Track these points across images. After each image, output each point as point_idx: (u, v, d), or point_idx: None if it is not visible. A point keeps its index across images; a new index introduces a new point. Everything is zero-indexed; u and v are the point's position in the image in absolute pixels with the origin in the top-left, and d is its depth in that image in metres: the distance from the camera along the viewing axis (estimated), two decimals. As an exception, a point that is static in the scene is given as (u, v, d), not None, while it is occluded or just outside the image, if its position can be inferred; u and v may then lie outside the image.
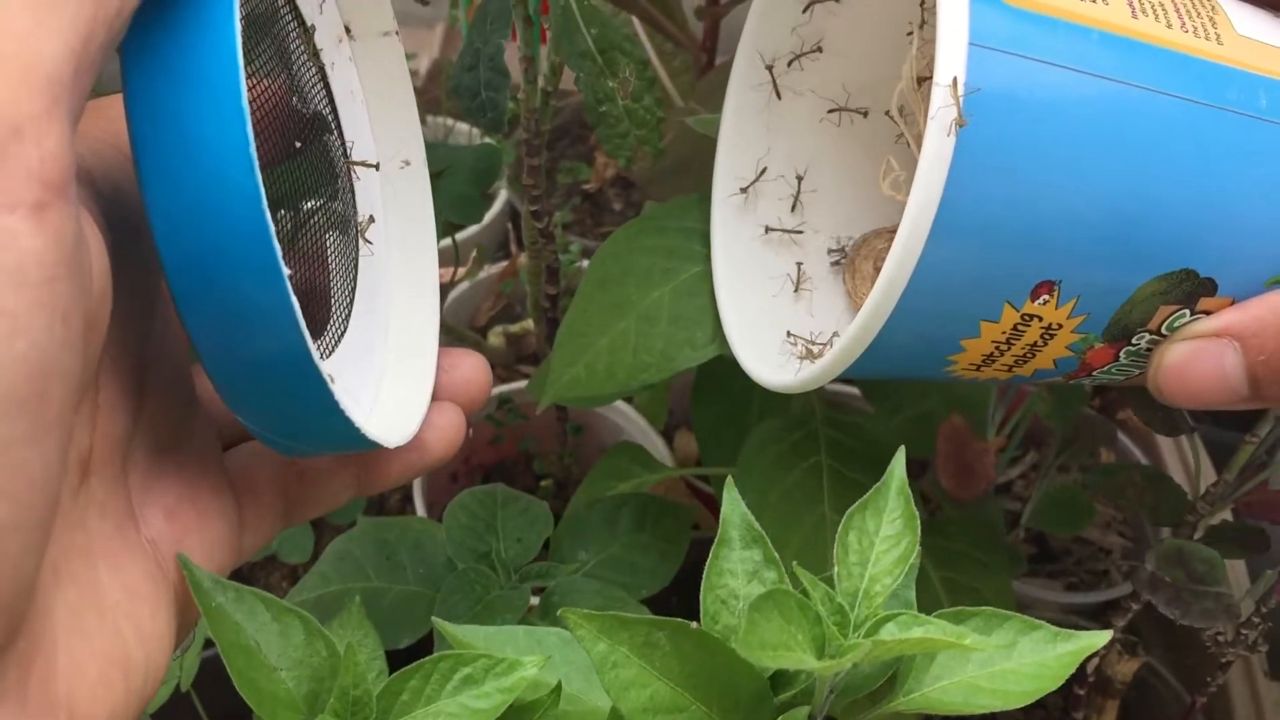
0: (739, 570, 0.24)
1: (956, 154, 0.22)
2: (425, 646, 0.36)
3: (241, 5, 0.20)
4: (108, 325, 0.20)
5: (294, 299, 0.20)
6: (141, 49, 0.19)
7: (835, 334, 0.33)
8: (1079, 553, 0.58)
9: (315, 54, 0.27)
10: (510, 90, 0.39)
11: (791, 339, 0.32)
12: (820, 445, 0.36)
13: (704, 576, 0.24)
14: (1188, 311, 0.26)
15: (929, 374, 0.28)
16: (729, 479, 0.25)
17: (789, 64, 0.33)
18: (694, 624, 0.23)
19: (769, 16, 0.33)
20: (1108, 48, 0.24)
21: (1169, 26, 0.25)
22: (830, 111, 0.34)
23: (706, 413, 0.42)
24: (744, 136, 0.34)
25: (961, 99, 0.22)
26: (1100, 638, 0.25)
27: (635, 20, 0.53)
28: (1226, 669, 0.40)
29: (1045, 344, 0.26)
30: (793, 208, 0.34)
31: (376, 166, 0.29)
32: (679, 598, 0.54)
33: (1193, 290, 0.25)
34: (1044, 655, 0.25)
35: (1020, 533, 0.47)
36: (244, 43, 0.21)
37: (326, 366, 0.26)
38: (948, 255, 0.23)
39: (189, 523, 0.24)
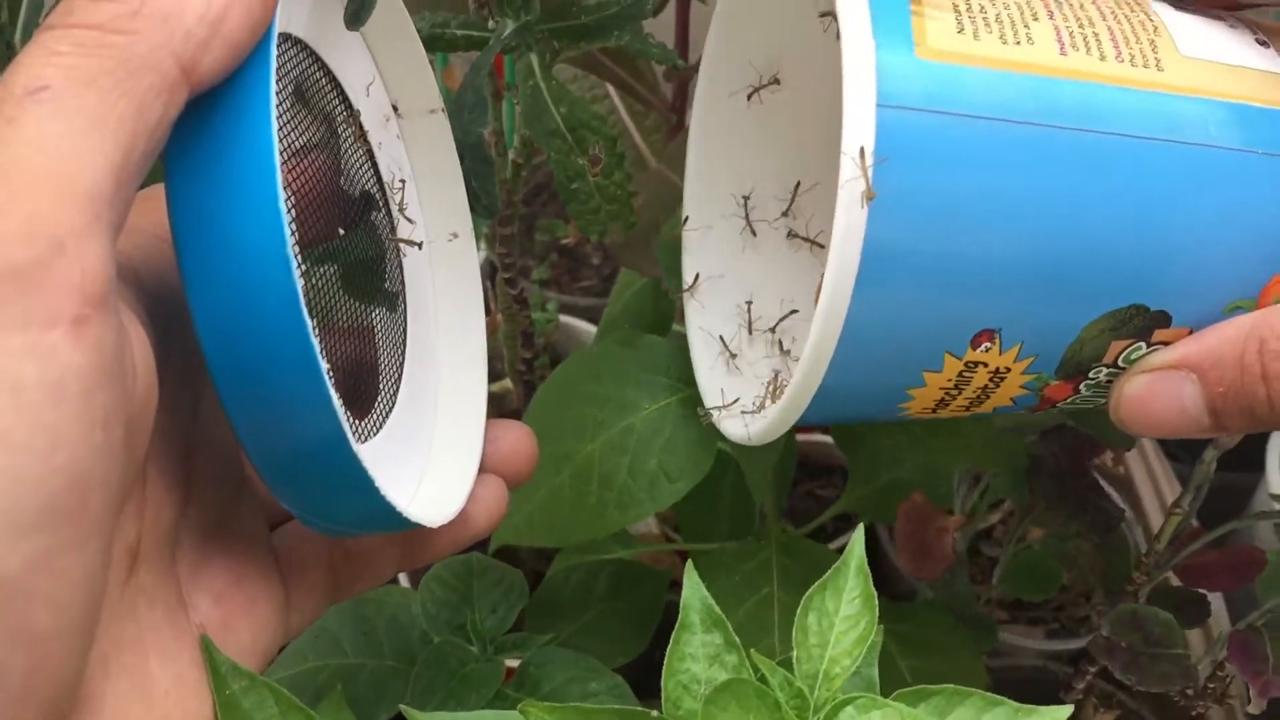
0: (700, 654, 0.25)
1: (873, 213, 0.22)
2: (402, 720, 0.36)
3: (283, 96, 0.20)
4: (153, 418, 0.21)
5: (334, 393, 0.20)
6: (182, 153, 0.20)
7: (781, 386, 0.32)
8: (1059, 599, 0.58)
9: (362, 135, 0.27)
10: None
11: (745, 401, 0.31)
12: (773, 575, 0.36)
13: (666, 661, 0.25)
14: (1143, 344, 0.25)
15: (886, 418, 0.28)
16: (689, 563, 0.26)
17: (749, 98, 0.33)
18: (655, 713, 0.23)
19: (726, 42, 0.32)
20: (1030, 92, 0.23)
21: (1102, 59, 0.24)
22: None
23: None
24: (711, 177, 0.33)
25: (870, 169, 0.22)
26: (1061, 713, 0.25)
27: (609, 85, 0.54)
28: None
29: (997, 386, 0.26)
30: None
31: (420, 245, 0.30)
32: (661, 653, 0.54)
33: (1145, 325, 0.25)
34: (1005, 732, 0.25)
35: (997, 586, 0.47)
36: (287, 132, 0.21)
37: (373, 445, 0.26)
38: (875, 311, 0.23)
39: (237, 607, 0.24)
